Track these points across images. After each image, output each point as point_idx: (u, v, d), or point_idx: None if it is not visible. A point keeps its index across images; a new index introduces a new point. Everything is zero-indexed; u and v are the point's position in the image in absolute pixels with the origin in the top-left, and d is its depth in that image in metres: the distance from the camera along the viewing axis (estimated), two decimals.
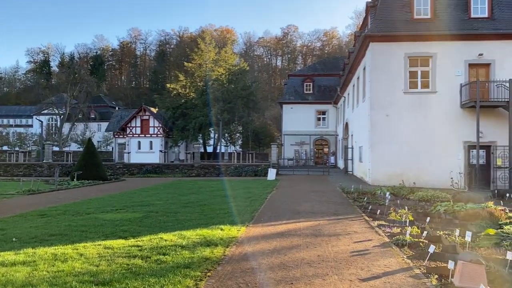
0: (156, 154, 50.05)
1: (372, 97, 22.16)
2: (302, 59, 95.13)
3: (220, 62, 50.21)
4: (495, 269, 6.27)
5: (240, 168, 30.65)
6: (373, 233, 9.23)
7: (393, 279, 5.95)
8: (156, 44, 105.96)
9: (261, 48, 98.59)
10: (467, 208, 11.58)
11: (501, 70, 20.98)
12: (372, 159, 22.10)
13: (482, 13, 21.92)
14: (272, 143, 35.14)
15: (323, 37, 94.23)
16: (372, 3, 24.44)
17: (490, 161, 21.06)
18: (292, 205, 14.05)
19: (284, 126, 47.15)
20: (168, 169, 32.33)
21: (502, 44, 21.15)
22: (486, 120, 20.47)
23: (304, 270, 6.40)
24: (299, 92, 47.20)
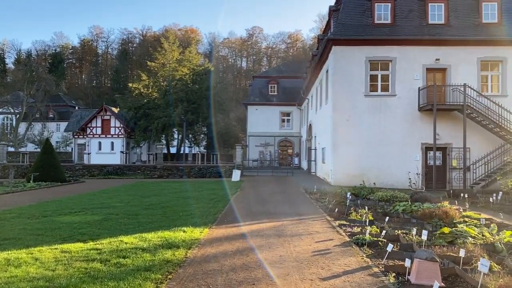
0: (118, 155, 48.91)
1: (334, 99, 22.57)
2: (267, 60, 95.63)
3: (184, 62, 49.69)
4: (449, 266, 6.53)
5: (204, 169, 30.44)
6: (334, 233, 9.39)
7: (352, 277, 6.07)
8: (119, 42, 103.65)
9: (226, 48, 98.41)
10: (424, 207, 12.00)
11: (456, 74, 21.89)
12: (334, 160, 22.51)
13: (439, 19, 22.79)
14: (237, 144, 35.11)
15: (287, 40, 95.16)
16: (335, 7, 24.92)
17: (446, 162, 21.92)
18: (256, 206, 14.09)
19: (249, 127, 47.26)
20: (130, 171, 31.67)
21: (457, 49, 22.06)
22: (443, 122, 21.30)
23: (266, 270, 6.43)
24: (264, 94, 47.46)
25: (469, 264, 6.59)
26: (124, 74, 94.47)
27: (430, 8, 22.82)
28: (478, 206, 14.56)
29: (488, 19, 22.73)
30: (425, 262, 5.70)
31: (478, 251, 7.08)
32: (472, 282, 5.69)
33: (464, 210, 12.56)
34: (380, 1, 22.92)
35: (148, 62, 52.38)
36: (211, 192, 18.76)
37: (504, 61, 22.01)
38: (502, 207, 14.15)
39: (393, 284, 5.76)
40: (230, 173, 27.78)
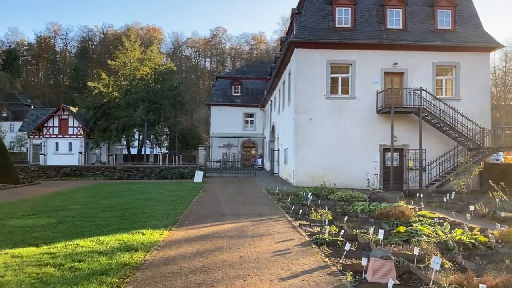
0: (76, 156, 47.42)
1: (297, 101, 22.84)
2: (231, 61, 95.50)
3: (145, 61, 48.84)
4: (404, 263, 6.74)
5: (166, 170, 30.00)
6: (295, 233, 9.49)
7: (311, 277, 6.15)
8: (78, 40, 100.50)
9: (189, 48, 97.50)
10: (381, 207, 12.34)
11: (413, 78, 22.68)
12: (296, 161, 22.76)
13: (397, 25, 23.54)
14: (200, 145, 34.85)
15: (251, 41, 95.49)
16: (297, 10, 25.21)
17: (403, 163, 22.64)
18: (217, 207, 14.02)
19: (212, 128, 47.02)
20: (89, 172, 30.75)
21: (414, 54, 22.86)
22: (400, 125, 21.98)
23: (226, 272, 6.41)
24: (228, 95, 47.35)
25: (423, 261, 6.82)
26: (84, 73, 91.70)
27: (389, 13, 23.54)
28: (432, 206, 15.14)
29: (443, 25, 23.69)
30: (381, 260, 5.85)
31: (431, 249, 7.35)
32: (425, 279, 5.89)
33: (419, 209, 13.01)
34: (340, 5, 23.40)
35: (108, 61, 51.17)
36: (172, 193, 18.51)
37: (458, 66, 22.99)
38: (455, 206, 14.79)
39: (350, 282, 5.87)
40: (192, 174, 27.51)
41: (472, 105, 22.23)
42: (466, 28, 23.72)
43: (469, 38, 23.24)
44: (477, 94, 22.82)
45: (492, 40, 23.47)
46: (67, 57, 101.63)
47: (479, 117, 21.69)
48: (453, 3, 23.70)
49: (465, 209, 13.15)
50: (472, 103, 22.32)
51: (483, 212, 12.74)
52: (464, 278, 5.36)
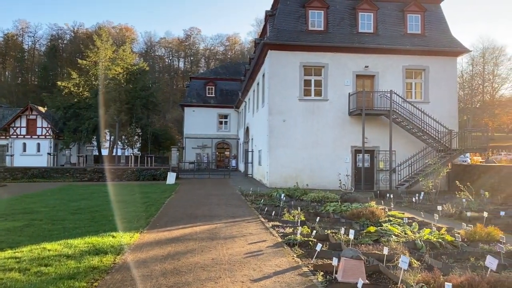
0: (44, 157, 46.11)
1: (270, 103, 22.93)
2: (205, 62, 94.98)
3: (117, 61, 47.98)
4: (373, 263, 6.86)
5: (137, 172, 29.53)
6: (268, 234, 9.51)
7: (282, 278, 6.18)
8: (47, 38, 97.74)
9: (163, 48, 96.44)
10: (352, 207, 12.54)
11: (383, 81, 23.14)
12: (270, 162, 22.85)
13: (368, 28, 23.98)
14: (173, 146, 34.47)
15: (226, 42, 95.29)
16: (271, 12, 25.33)
17: (374, 164, 23.06)
18: (190, 209, 13.91)
19: (186, 129, 46.66)
20: (58, 173, 29.93)
21: (384, 57, 23.34)
22: (371, 127, 22.38)
23: (197, 274, 6.36)
24: (202, 95, 47.08)
25: (392, 261, 6.96)
26: (53, 72, 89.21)
27: (360, 17, 23.95)
28: (402, 206, 15.47)
29: (412, 30, 24.28)
30: (351, 260, 5.93)
31: (400, 249, 7.51)
32: (394, 278, 6.01)
33: (389, 209, 13.28)
34: (313, 8, 23.66)
35: (79, 60, 50.03)
36: (144, 195, 18.25)
37: (427, 70, 23.60)
38: (424, 206, 15.16)
39: (321, 283, 5.93)
40: (165, 176, 27.19)
41: (440, 107, 22.85)
42: (435, 32, 24.39)
43: (438, 42, 23.91)
44: (445, 97, 23.49)
45: (459, 45, 24.22)
46: (35, 56, 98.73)
47: (447, 120, 22.32)
48: (422, 8, 24.32)
49: (433, 209, 13.50)
50: (440, 106, 22.95)
51: (450, 212, 13.11)
52: (431, 276, 5.50)
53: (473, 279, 5.23)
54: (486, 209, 12.97)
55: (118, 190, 20.86)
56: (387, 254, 6.89)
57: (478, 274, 5.53)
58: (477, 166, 23.33)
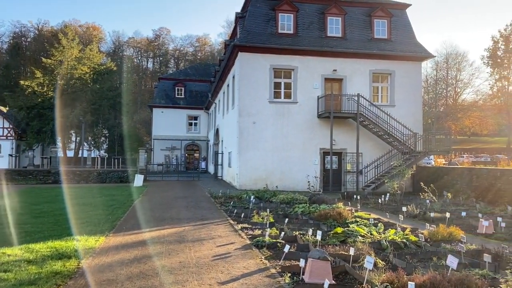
0: (6, 159, 44.34)
1: (241, 105, 22.94)
2: (174, 63, 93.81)
3: (84, 60, 46.85)
4: (340, 264, 6.96)
5: (104, 174, 28.88)
6: (236, 236, 9.49)
7: (250, 280, 6.18)
8: (10, 35, 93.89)
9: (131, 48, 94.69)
10: (320, 209, 12.68)
11: (351, 85, 23.56)
12: (240, 164, 22.83)
13: (337, 32, 24.37)
14: (140, 148, 33.91)
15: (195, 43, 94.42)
16: (241, 14, 25.35)
17: (342, 166, 23.44)
18: (158, 212, 13.70)
19: (154, 130, 46.02)
20: (20, 176, 28.87)
21: (352, 61, 23.76)
22: (339, 129, 22.72)
23: (164, 277, 6.27)
24: (170, 96, 46.57)
25: (358, 261, 7.07)
26: (16, 71, 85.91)
27: (329, 21, 24.31)
28: (368, 207, 15.78)
29: (379, 35, 24.84)
30: (318, 261, 5.99)
31: (366, 249, 7.65)
32: (359, 278, 6.11)
33: (356, 210, 13.52)
34: (283, 11, 23.84)
35: (43, 59, 48.51)
36: (111, 198, 17.86)
37: (393, 74, 24.20)
38: (389, 207, 15.52)
39: (288, 284, 5.96)
40: (132, 178, 26.69)
41: (406, 111, 23.46)
42: (400, 38, 25.05)
43: (404, 47, 24.57)
44: (410, 101, 24.14)
45: (424, 50, 24.97)
46: None
47: (412, 123, 22.93)
48: (388, 14, 24.94)
49: (398, 210, 13.83)
50: (405, 109, 23.56)
51: (414, 212, 13.46)
52: (395, 276, 5.62)
53: (435, 278, 5.39)
54: (448, 210, 13.40)
55: (83, 193, 20.33)
56: (353, 254, 6.99)
57: (440, 273, 5.70)
58: (441, 168, 24.08)
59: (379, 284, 5.57)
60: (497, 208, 14.46)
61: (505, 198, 15.67)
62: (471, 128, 67.51)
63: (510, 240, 9.40)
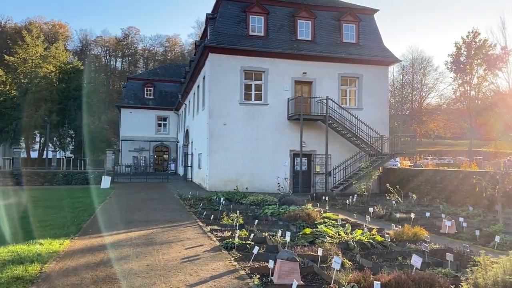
0: None
1: (211, 106, 22.84)
2: (143, 63, 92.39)
3: (49, 59, 45.52)
4: (308, 264, 7.03)
5: (70, 175, 28.10)
6: (205, 238, 9.44)
7: (219, 282, 6.16)
8: None
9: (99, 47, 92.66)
10: (290, 210, 12.78)
11: (320, 88, 23.87)
12: (210, 165, 22.72)
13: (306, 36, 24.65)
14: (108, 149, 33.20)
15: (165, 43, 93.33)
16: (212, 15, 25.26)
17: (311, 167, 23.71)
18: (125, 214, 13.45)
19: (122, 131, 45.19)
20: None
21: (321, 65, 24.09)
22: (308, 131, 22.96)
23: (131, 281, 6.17)
24: (139, 97, 45.85)
25: (326, 262, 7.16)
26: None
27: (299, 25, 24.56)
28: (337, 208, 16.03)
29: (348, 39, 25.29)
30: (287, 262, 6.04)
31: (334, 250, 7.76)
32: (327, 278, 6.20)
33: (324, 211, 13.71)
34: (254, 13, 23.92)
35: (6, 56, 46.81)
36: (77, 200, 17.39)
37: (361, 78, 24.69)
38: (356, 208, 15.80)
39: (257, 285, 5.98)
40: (99, 179, 26.10)
41: (373, 114, 23.96)
42: (368, 42, 25.59)
43: (371, 52, 25.11)
44: (377, 104, 24.70)
45: (391, 55, 25.62)
46: None
47: (379, 126, 23.44)
48: (357, 19, 25.43)
49: (365, 211, 14.10)
50: (373, 112, 24.07)
51: (381, 213, 13.77)
52: (361, 276, 5.73)
53: (399, 277, 5.52)
54: (413, 210, 13.79)
55: (48, 195, 19.73)
56: (321, 255, 7.09)
57: (405, 273, 5.85)
58: (406, 170, 24.75)
59: (346, 284, 5.66)
60: (459, 208, 14.98)
61: (467, 199, 16.26)
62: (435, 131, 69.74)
63: (471, 239, 9.74)
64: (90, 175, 28.01)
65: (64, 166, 33.56)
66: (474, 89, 59.63)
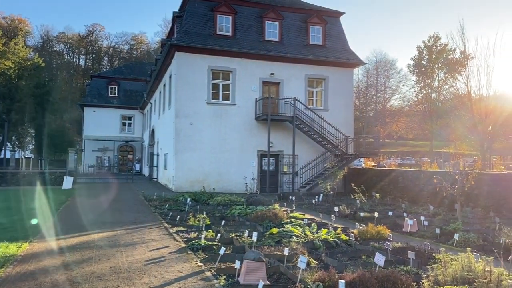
0: None
1: (177, 105, 22.56)
2: (108, 60, 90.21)
3: (8, 55, 43.68)
4: (274, 264, 7.05)
5: (29, 176, 27.03)
6: (171, 240, 9.30)
7: (184, 284, 6.07)
8: None
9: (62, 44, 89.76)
10: (257, 210, 12.79)
11: (288, 89, 24.04)
12: (176, 166, 22.44)
13: (274, 37, 24.77)
14: (70, 149, 32.24)
15: (131, 41, 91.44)
16: (179, 13, 24.97)
17: (279, 167, 23.85)
18: (88, 215, 13.05)
19: (86, 130, 43.97)
20: None
21: (288, 66, 24.27)
22: (276, 131, 23.07)
23: (93, 284, 5.99)
24: (103, 95, 44.74)
25: (292, 261, 7.20)
26: None
27: (267, 25, 24.65)
28: (303, 207, 16.18)
29: (314, 41, 25.59)
30: (253, 262, 6.03)
31: (300, 249, 7.82)
32: (293, 278, 6.23)
33: (291, 211, 13.82)
34: (221, 13, 23.80)
35: None
36: (36, 201, 16.71)
37: (327, 79, 25.05)
38: (322, 207, 16.02)
39: (223, 286, 5.94)
40: (61, 180, 25.24)
41: (339, 115, 24.36)
42: (334, 45, 25.99)
43: (337, 54, 25.53)
44: (343, 106, 25.12)
45: (356, 58, 26.13)
46: None
47: (344, 127, 23.86)
48: (323, 21, 25.78)
49: (331, 210, 14.30)
50: (338, 114, 24.45)
51: (346, 212, 14.01)
52: (326, 275, 5.79)
53: (363, 275, 5.62)
54: (377, 209, 14.10)
55: (5, 196, 18.95)
56: (287, 254, 7.11)
57: (368, 271, 5.95)
58: (370, 170, 25.31)
59: (311, 283, 5.71)
60: (420, 207, 15.44)
61: (428, 198, 16.77)
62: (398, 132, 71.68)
63: (432, 237, 10.05)
64: (51, 176, 27.09)
65: (24, 166, 32.31)
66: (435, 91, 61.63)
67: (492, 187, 14.86)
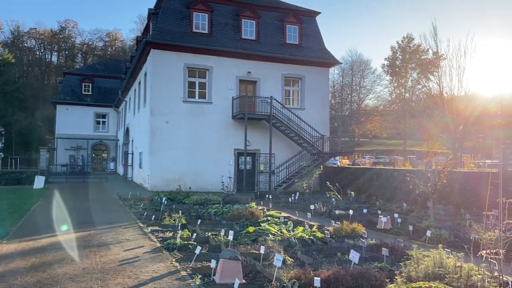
0: None
1: (153, 103, 22.28)
2: (82, 57, 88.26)
3: None
4: (250, 262, 7.04)
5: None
6: (146, 239, 9.18)
7: (159, 284, 6.00)
8: None
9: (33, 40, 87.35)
10: (233, 209, 12.76)
11: (265, 87, 24.06)
12: (152, 165, 22.16)
13: (251, 35, 24.75)
14: (42, 147, 31.40)
15: (105, 38, 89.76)
16: (154, 10, 24.66)
17: (255, 166, 23.86)
18: (61, 216, 12.73)
19: (58, 128, 42.92)
20: None
21: (265, 64, 24.30)
22: (253, 130, 23.05)
23: (65, 286, 5.86)
24: (77, 93, 43.77)
25: (268, 259, 7.22)
26: None
27: (243, 24, 24.61)
28: (280, 206, 16.25)
29: (291, 40, 25.71)
30: (229, 261, 6.01)
31: (276, 247, 7.84)
32: (269, 276, 6.24)
33: (268, 209, 13.84)
34: (197, 10, 23.64)
35: None
36: (6, 201, 16.26)
37: (303, 79, 25.20)
38: (298, 205, 16.12)
39: (198, 285, 5.90)
40: (32, 179, 24.59)
41: (315, 114, 24.53)
42: (310, 44, 26.17)
43: (313, 54, 25.71)
44: (319, 105, 25.34)
45: (332, 57, 26.38)
46: None
47: (320, 126, 24.05)
48: (300, 21, 25.92)
49: (306, 208, 14.42)
50: (314, 113, 24.63)
51: (321, 210, 14.14)
52: (302, 272, 5.82)
53: (338, 272, 5.68)
54: (352, 207, 14.29)
55: None
56: (263, 253, 7.13)
57: (343, 268, 6.02)
58: (345, 168, 25.61)
59: (287, 281, 5.73)
60: (394, 205, 15.71)
61: (401, 196, 17.06)
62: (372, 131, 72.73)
63: (405, 234, 10.25)
64: (22, 175, 26.36)
65: None
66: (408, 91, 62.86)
67: (463, 185, 15.25)
